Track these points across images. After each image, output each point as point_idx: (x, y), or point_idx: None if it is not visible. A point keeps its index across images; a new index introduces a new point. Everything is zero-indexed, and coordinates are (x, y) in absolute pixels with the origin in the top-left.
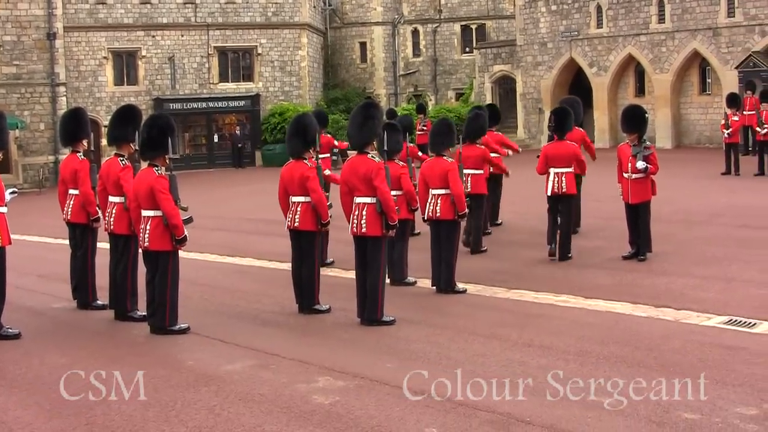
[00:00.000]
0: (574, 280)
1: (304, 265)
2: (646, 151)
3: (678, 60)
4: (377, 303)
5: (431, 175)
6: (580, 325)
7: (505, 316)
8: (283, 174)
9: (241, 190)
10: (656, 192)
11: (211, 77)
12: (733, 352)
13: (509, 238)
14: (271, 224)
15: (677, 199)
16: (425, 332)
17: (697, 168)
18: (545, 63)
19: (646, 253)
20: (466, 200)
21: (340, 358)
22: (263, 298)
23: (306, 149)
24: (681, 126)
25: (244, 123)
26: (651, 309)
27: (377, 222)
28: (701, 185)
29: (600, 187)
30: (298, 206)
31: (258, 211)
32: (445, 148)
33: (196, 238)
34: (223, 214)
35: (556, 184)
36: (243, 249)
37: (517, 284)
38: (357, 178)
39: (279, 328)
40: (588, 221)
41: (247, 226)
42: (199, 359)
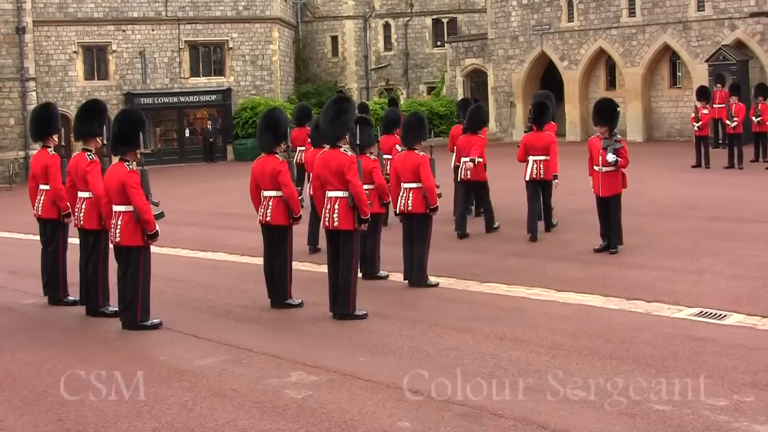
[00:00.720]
0: (547, 273)
1: (276, 260)
2: (616, 144)
3: (648, 53)
4: (349, 297)
5: (403, 169)
6: (552, 318)
7: (477, 309)
8: (255, 168)
9: (213, 185)
10: (627, 185)
11: (182, 72)
12: (703, 343)
13: (481, 230)
14: (242, 219)
15: (648, 191)
16: (397, 326)
17: (667, 161)
18: (516, 57)
19: (618, 245)
20: (439, 193)
21: (312, 352)
22: (235, 293)
23: (277, 143)
24: (652, 119)
25: (216, 117)
26: (622, 302)
27: (349, 216)
28: (672, 178)
29: (571, 180)
30: (270, 200)
31: (230, 206)
32: (417, 141)
33: (168, 233)
34: (195, 209)
35: (535, 170)
36: (215, 244)
37: (489, 277)
38: (329, 172)
39: (251, 323)
40: (559, 214)
41: (218, 220)
42: (171, 354)
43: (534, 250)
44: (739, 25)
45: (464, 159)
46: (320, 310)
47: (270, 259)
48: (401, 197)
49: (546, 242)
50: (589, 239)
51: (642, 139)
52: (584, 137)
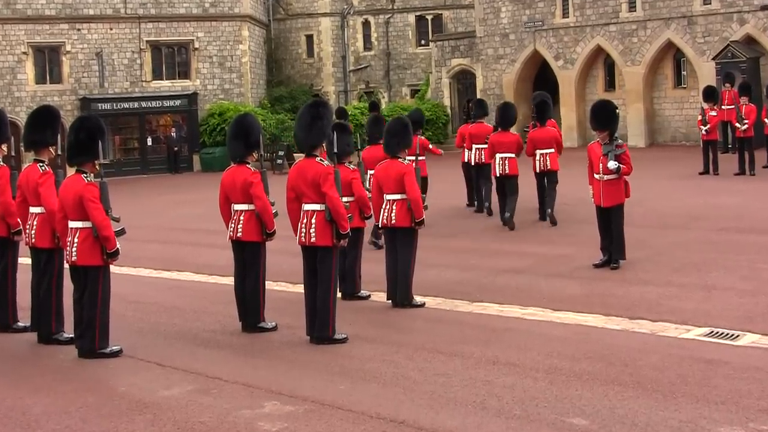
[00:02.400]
0: (542, 290)
1: (247, 279)
2: (617, 150)
3: (650, 51)
4: (328, 319)
5: (386, 179)
6: (548, 340)
7: (467, 331)
8: (224, 180)
9: (178, 198)
10: (630, 194)
11: (144, 74)
12: (714, 366)
13: (469, 245)
14: (211, 235)
15: (652, 201)
16: (381, 350)
17: (672, 167)
18: (507, 56)
19: (620, 260)
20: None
21: (287, 380)
22: (203, 316)
23: (248, 152)
24: (655, 122)
25: (180, 124)
26: (625, 321)
27: (327, 231)
28: (677, 186)
29: (569, 189)
30: (241, 215)
31: (197, 221)
32: (401, 149)
33: (129, 251)
34: (159, 225)
35: (542, 163)
36: (181, 262)
37: (480, 296)
38: (305, 183)
39: (220, 348)
40: (555, 227)
41: (184, 237)
42: (132, 384)
43: (528, 266)
44: (749, 19)
45: (500, 155)
46: (296, 333)
47: (241, 278)
48: (384, 210)
49: (541, 257)
50: (588, 253)
51: (644, 144)
52: (582, 143)
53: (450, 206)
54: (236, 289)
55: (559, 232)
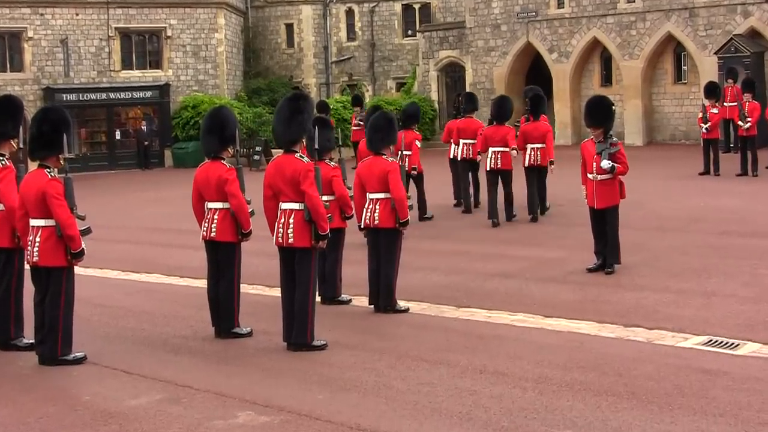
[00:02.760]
0: (533, 296)
1: (221, 282)
2: (612, 149)
3: (650, 45)
4: (306, 325)
5: (369, 177)
6: (539, 348)
7: (453, 338)
8: (198, 176)
9: (148, 196)
10: (625, 195)
11: (112, 63)
12: (713, 377)
13: (456, 247)
14: (183, 234)
15: (649, 202)
16: (362, 358)
17: (671, 167)
18: (499, 48)
19: (614, 264)
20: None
21: (262, 389)
22: (174, 320)
23: (223, 148)
24: (653, 120)
25: (151, 117)
26: (620, 329)
27: (306, 232)
28: (676, 187)
29: (561, 190)
30: (215, 213)
31: (168, 220)
32: (385, 145)
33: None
34: (127, 224)
35: (532, 157)
36: (150, 263)
37: (467, 301)
38: (283, 180)
39: (192, 355)
40: (546, 229)
41: (155, 237)
42: (97, 394)
43: (518, 270)
44: (754, 12)
45: (493, 149)
46: (272, 339)
47: (215, 281)
48: (367, 209)
49: (532, 261)
50: (581, 257)
51: (642, 142)
52: (576, 140)
53: (436, 205)
54: (209, 292)
55: (551, 235)
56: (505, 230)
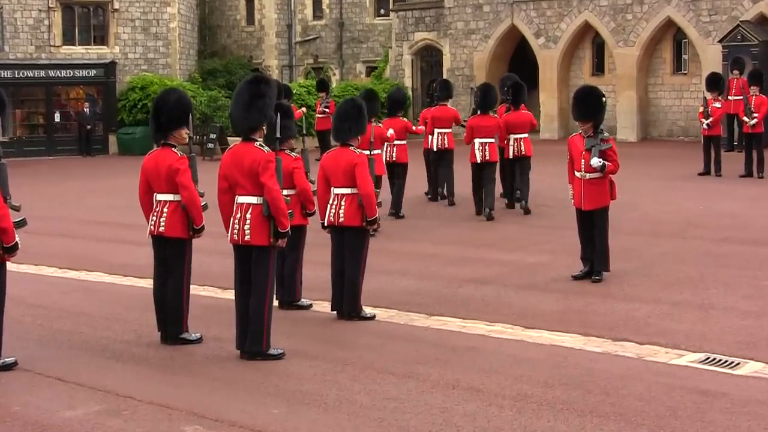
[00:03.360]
0: (512, 304)
1: (169, 282)
2: (603, 145)
3: (647, 30)
4: (262, 332)
5: (334, 170)
6: (518, 362)
7: (423, 349)
8: (146, 165)
9: (90, 186)
10: (616, 196)
11: (52, 38)
12: (710, 398)
13: (428, 249)
14: (128, 229)
15: (642, 205)
16: (322, 369)
17: (668, 166)
18: (480, 31)
19: (603, 272)
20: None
21: (213, 401)
22: (115, 324)
23: (174, 133)
24: (649, 113)
25: (95, 98)
26: (608, 343)
27: (264, 228)
28: (673, 188)
29: (545, 189)
30: (165, 206)
31: (111, 213)
32: (353, 136)
33: (30, 245)
34: (66, 216)
35: (515, 148)
36: (91, 260)
37: (439, 309)
38: (240, 171)
39: (135, 363)
40: (529, 231)
41: (96, 231)
42: (28, 403)
43: (496, 275)
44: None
45: (479, 140)
46: (224, 347)
47: (161, 280)
48: (331, 206)
49: (512, 266)
50: (566, 263)
51: (636, 138)
52: (564, 134)
53: (407, 199)
54: (155, 293)
55: (533, 238)
56: (483, 231)
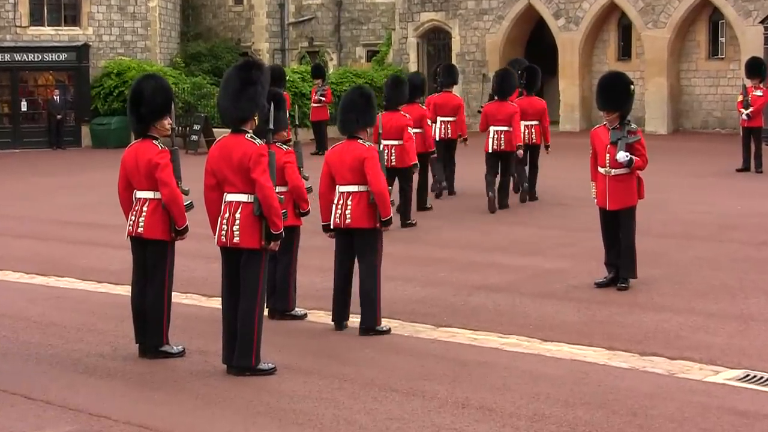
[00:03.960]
0: (528, 314)
1: (148, 289)
2: (630, 138)
3: (679, 10)
4: (251, 344)
5: (340, 166)
6: (534, 379)
7: (430, 364)
8: (126, 159)
9: (61, 182)
10: (644, 194)
11: (18, 18)
12: (750, 420)
13: (435, 253)
14: (102, 230)
15: (673, 204)
16: (318, 386)
17: (702, 162)
18: (493, 11)
19: (629, 278)
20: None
21: (196, 421)
22: (88, 335)
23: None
24: (681, 103)
25: (66, 85)
26: (635, 358)
27: (255, 229)
28: (707, 186)
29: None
30: (144, 205)
31: (84, 212)
32: (361, 127)
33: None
34: (34, 215)
35: (526, 136)
36: (61, 265)
37: (448, 319)
38: (229, 167)
39: (110, 378)
40: (546, 233)
41: (67, 232)
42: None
43: (511, 282)
44: None
45: (494, 128)
46: (209, 361)
47: (140, 287)
48: (336, 205)
49: (528, 272)
50: (588, 268)
51: (666, 130)
52: (586, 126)
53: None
54: (133, 300)
55: (552, 240)
56: (496, 233)
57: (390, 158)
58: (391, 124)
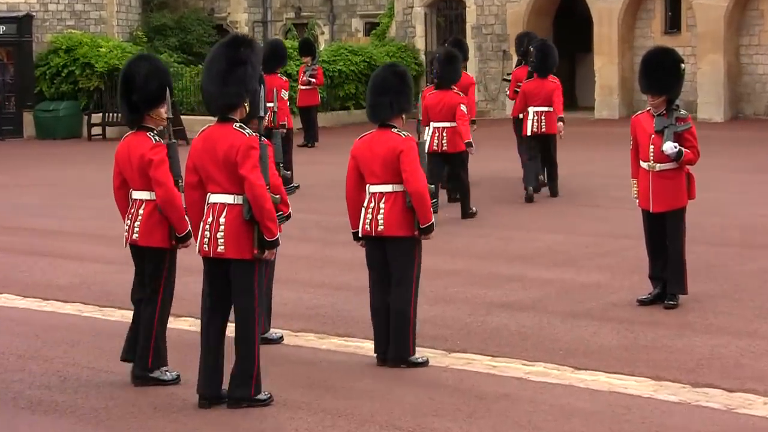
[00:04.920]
0: (557, 338)
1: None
2: (679, 126)
3: None
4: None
5: (369, 160)
6: (566, 415)
7: (441, 397)
8: (119, 153)
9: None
10: (695, 194)
11: None
12: None
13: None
14: (47, 237)
15: (731, 205)
16: (307, 423)
17: (764, 155)
18: None
19: (678, 295)
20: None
21: None
22: (31, 363)
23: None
24: (740, 84)
25: (4, 64)
26: (686, 390)
27: (245, 236)
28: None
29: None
30: (141, 207)
31: (27, 216)
32: (395, 114)
33: None
34: None
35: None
36: (0, 278)
37: (461, 343)
38: (213, 162)
39: (58, 414)
40: (579, 240)
41: (6, 239)
42: None
43: (537, 299)
44: None
45: (534, 108)
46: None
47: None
48: (366, 209)
49: (557, 286)
50: (629, 283)
51: (723, 117)
52: (626, 113)
53: None
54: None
55: (586, 250)
56: (519, 240)
57: (441, 142)
58: (443, 103)
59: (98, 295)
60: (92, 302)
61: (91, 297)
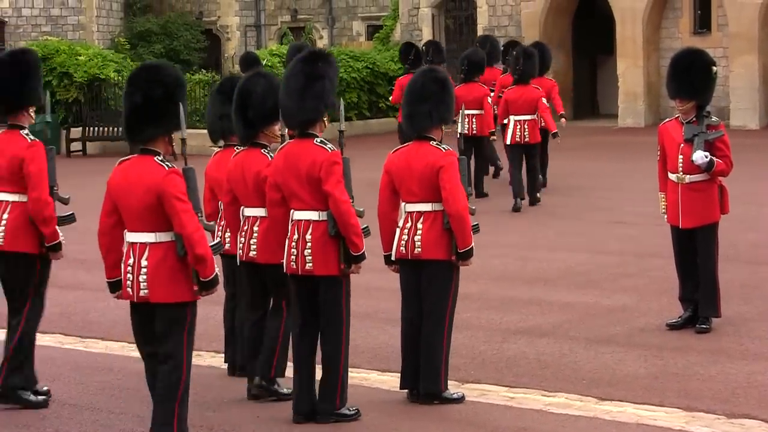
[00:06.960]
0: (580, 366)
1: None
2: (710, 134)
3: None
4: (337, 386)
5: (406, 176)
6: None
7: (454, 431)
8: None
9: None
10: (728, 208)
11: None
12: None
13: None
14: None
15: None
16: None
17: None
18: None
19: (711, 318)
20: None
21: None
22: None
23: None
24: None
25: None
26: (721, 421)
27: (332, 252)
28: None
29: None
30: (255, 224)
31: None
32: (436, 125)
33: None
34: None
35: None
36: None
37: (476, 373)
38: (296, 178)
39: None
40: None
41: None
42: None
43: (558, 324)
44: None
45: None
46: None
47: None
48: (402, 230)
49: (579, 310)
50: (657, 305)
51: (758, 124)
52: (653, 121)
53: None
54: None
55: (611, 270)
56: (538, 260)
57: (523, 134)
58: (524, 97)
59: (80, 325)
60: (73, 333)
61: (72, 327)
